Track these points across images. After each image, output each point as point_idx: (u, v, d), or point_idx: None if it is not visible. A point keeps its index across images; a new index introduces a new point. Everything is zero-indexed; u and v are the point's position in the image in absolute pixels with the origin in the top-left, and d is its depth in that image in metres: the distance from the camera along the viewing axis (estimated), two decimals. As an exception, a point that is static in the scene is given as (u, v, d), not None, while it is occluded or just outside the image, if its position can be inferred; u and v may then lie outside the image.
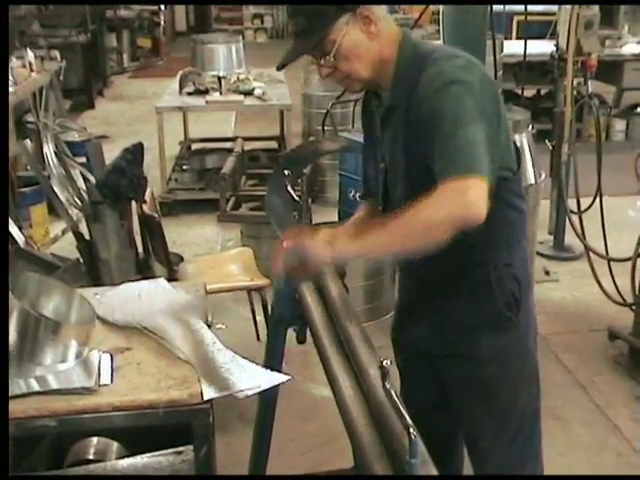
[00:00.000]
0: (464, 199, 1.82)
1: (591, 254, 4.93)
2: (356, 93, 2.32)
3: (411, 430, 1.40)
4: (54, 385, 2.00)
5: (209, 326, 2.42)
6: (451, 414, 2.41)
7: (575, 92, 5.37)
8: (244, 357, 2.19)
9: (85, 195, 3.78)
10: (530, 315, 2.29)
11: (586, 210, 5.18)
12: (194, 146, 8.06)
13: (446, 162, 1.89)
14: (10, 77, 6.23)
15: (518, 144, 4.03)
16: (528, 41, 5.76)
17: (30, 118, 6.99)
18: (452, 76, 1.98)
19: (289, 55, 2.17)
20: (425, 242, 1.87)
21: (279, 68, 2.24)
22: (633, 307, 4.39)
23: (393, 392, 1.49)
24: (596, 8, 5.26)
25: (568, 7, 5.20)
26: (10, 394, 1.91)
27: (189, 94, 7.09)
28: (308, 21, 2.08)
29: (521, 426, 2.32)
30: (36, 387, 1.98)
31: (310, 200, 5.99)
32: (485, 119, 1.95)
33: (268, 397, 2.64)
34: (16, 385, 1.97)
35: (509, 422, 2.28)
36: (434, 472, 1.48)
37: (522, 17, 9.23)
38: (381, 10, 2.14)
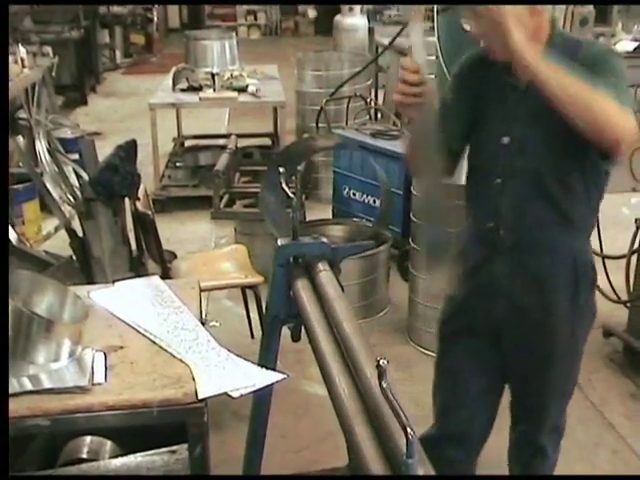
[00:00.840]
0: (629, 126, 2.06)
1: (585, 251, 4.92)
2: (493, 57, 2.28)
3: (408, 430, 1.39)
4: (47, 384, 1.98)
5: (203, 324, 2.41)
6: (495, 399, 2.65)
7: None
8: (238, 355, 2.18)
9: (78, 192, 3.77)
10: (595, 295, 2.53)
11: (580, 207, 5.17)
12: (187, 143, 8.03)
13: (616, 97, 2.06)
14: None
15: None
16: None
17: (22, 115, 6.96)
18: (614, 51, 2.48)
19: None
20: (585, 117, 2.05)
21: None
22: (628, 304, 4.39)
23: (390, 391, 1.47)
24: (591, 5, 5.26)
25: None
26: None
27: (182, 91, 7.07)
28: None
29: (572, 387, 2.64)
30: (29, 386, 1.96)
31: (304, 197, 5.98)
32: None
33: (262, 395, 2.63)
34: (9, 384, 1.95)
35: (567, 386, 2.60)
36: (431, 472, 1.47)
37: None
38: None
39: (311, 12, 17.89)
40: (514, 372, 2.56)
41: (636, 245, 4.28)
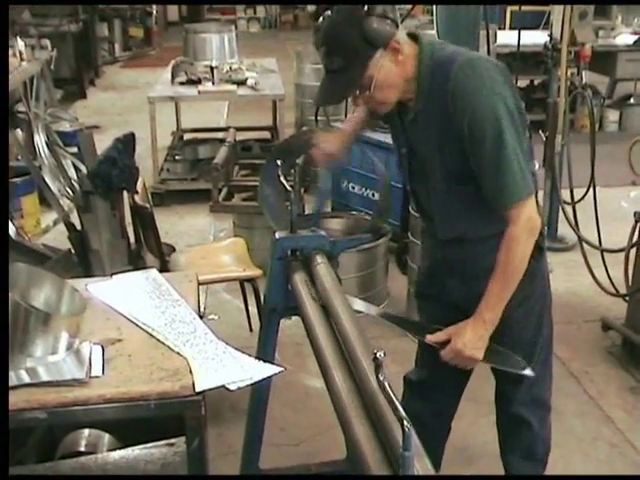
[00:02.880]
0: (531, 226, 2.28)
1: (584, 245, 4.93)
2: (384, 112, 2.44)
3: (405, 422, 1.39)
4: (45, 377, 1.98)
5: (201, 317, 2.40)
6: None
7: (568, 83, 5.35)
8: (236, 348, 2.18)
9: (76, 185, 3.75)
10: (546, 258, 2.66)
11: (579, 201, 5.18)
12: (186, 136, 8.02)
13: (502, 194, 2.24)
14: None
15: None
16: (521, 31, 5.74)
17: (21, 108, 6.96)
18: (482, 85, 2.20)
19: (331, 95, 2.33)
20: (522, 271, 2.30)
21: (319, 104, 2.55)
22: (626, 298, 4.39)
23: (387, 384, 1.47)
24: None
25: (563, -3, 5.19)
26: (0, 386, 1.89)
27: (181, 84, 7.06)
28: (345, 60, 2.21)
29: (543, 353, 2.65)
30: (26, 379, 1.96)
31: (303, 190, 5.96)
32: (515, 122, 2.23)
33: (261, 388, 2.64)
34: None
35: (536, 350, 2.61)
36: (428, 465, 1.47)
37: (515, 7, 9.23)
38: (402, 35, 2.28)
39: (310, 5, 17.87)
40: None
41: (635, 239, 4.27)
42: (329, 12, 2.24)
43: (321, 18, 2.26)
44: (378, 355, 1.47)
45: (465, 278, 2.55)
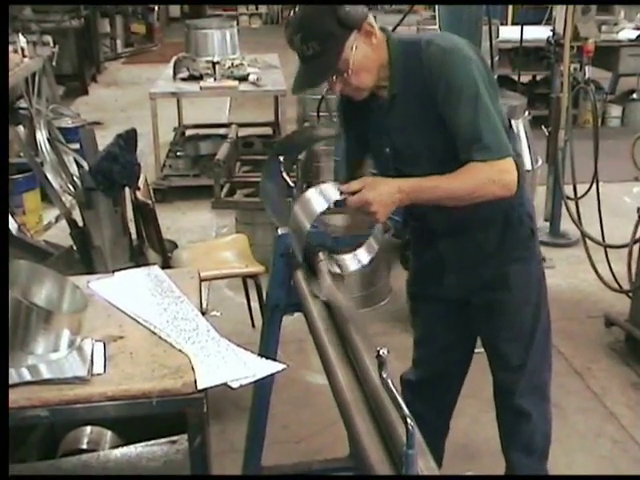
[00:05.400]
0: (504, 182, 2.24)
1: (587, 240, 4.92)
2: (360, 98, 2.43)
3: (408, 420, 1.38)
4: (46, 375, 1.97)
5: (203, 313, 2.40)
6: (464, 355, 2.83)
7: (571, 78, 5.34)
8: (239, 345, 2.17)
9: (78, 182, 3.75)
10: (538, 244, 2.66)
11: (582, 196, 5.16)
12: (188, 132, 8.01)
13: (479, 147, 2.21)
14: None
15: (514, 130, 4.04)
16: (524, 27, 5.73)
17: (23, 104, 6.94)
18: (453, 48, 2.25)
19: (308, 80, 2.31)
20: (467, 202, 2.26)
21: (295, 92, 2.38)
22: (629, 294, 4.38)
23: (390, 381, 1.47)
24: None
25: (565, -8, 5.18)
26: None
27: (183, 80, 7.04)
28: (321, 45, 2.21)
29: (542, 341, 2.67)
30: (28, 377, 1.95)
31: (305, 186, 5.94)
32: (489, 88, 2.27)
33: (263, 385, 2.63)
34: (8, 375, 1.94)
35: (535, 338, 2.63)
36: (431, 463, 1.47)
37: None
38: (373, 19, 2.30)
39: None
40: (474, 325, 2.71)
41: (638, 234, 4.26)
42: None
43: (291, 12, 2.30)
44: (382, 353, 1.46)
45: (463, 270, 2.57)
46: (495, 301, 2.58)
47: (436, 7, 4.15)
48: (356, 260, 2.40)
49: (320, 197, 2.17)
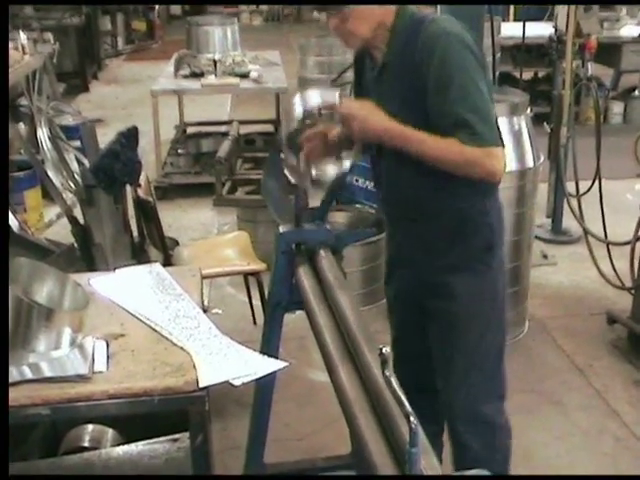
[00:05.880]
0: (492, 168, 2.18)
1: (590, 237, 4.91)
2: (351, 49, 2.48)
3: (411, 418, 1.37)
4: (48, 373, 1.96)
5: (205, 311, 2.39)
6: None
7: (573, 75, 5.34)
8: (240, 342, 2.17)
9: (79, 179, 3.74)
10: (502, 261, 2.52)
11: (585, 193, 5.16)
12: (189, 130, 8.01)
13: (470, 129, 2.15)
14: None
15: (516, 127, 4.03)
16: (525, 23, 5.73)
17: (23, 102, 6.93)
18: (453, 30, 2.21)
19: None
20: (454, 171, 2.22)
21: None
22: (632, 291, 4.37)
23: (393, 379, 1.46)
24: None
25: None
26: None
27: (184, 77, 7.04)
28: None
29: (487, 362, 2.51)
30: (29, 375, 1.95)
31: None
32: (483, 80, 2.22)
33: (265, 383, 2.62)
34: (9, 373, 1.93)
35: (477, 357, 2.48)
36: (434, 462, 1.46)
37: (519, -1, 9.17)
38: None
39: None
40: (428, 335, 2.57)
41: (640, 231, 4.25)
42: None
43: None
44: (384, 350, 1.46)
45: (414, 264, 2.51)
46: (440, 310, 2.48)
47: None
48: (336, 168, 2.50)
49: (319, 94, 2.35)
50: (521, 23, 7.06)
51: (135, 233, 3.84)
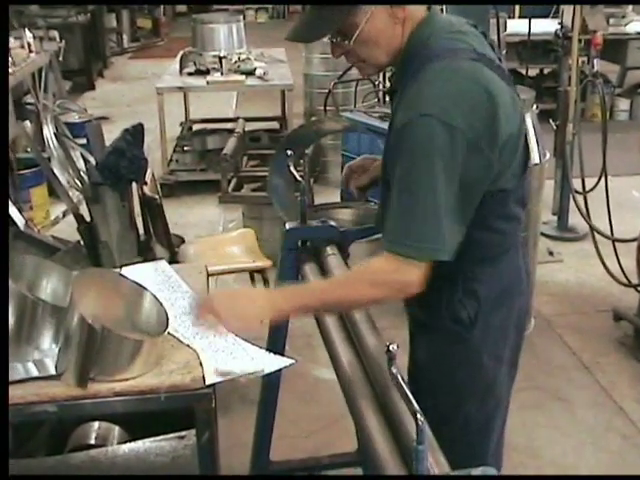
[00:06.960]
0: (403, 283, 1.87)
1: (596, 234, 4.90)
2: (368, 76, 2.17)
3: (418, 416, 1.37)
4: (53, 369, 1.96)
5: (211, 309, 2.38)
6: None
7: (579, 71, 5.32)
8: (247, 340, 2.16)
9: (85, 177, 3.74)
10: (490, 330, 2.04)
11: (591, 190, 5.14)
12: (195, 127, 8.00)
13: (397, 231, 1.90)
14: (9, 58, 6.18)
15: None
16: (531, 20, 5.72)
17: (29, 99, 6.94)
18: (438, 104, 1.77)
19: (303, 32, 1.94)
20: (355, 307, 2.00)
21: (287, 38, 1.97)
22: (638, 288, 4.36)
23: (399, 376, 1.46)
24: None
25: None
26: (10, 379, 1.88)
27: (190, 74, 7.05)
28: None
29: (470, 435, 2.12)
30: (35, 372, 1.95)
31: (312, 180, 5.95)
32: (459, 170, 1.79)
33: (271, 380, 2.62)
34: (15, 370, 1.93)
35: (447, 429, 1.83)
36: (442, 459, 1.46)
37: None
38: None
39: None
40: None
41: (647, 228, 4.25)
42: None
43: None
44: (391, 348, 1.45)
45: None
46: (410, 365, 2.19)
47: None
48: None
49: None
50: (527, 20, 7.07)
51: (141, 230, 3.84)
